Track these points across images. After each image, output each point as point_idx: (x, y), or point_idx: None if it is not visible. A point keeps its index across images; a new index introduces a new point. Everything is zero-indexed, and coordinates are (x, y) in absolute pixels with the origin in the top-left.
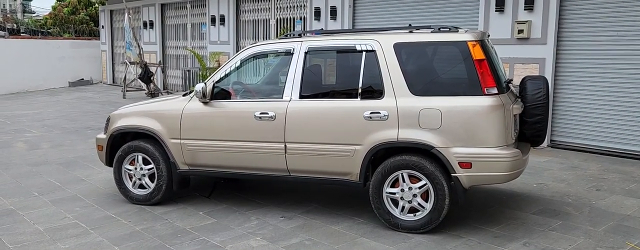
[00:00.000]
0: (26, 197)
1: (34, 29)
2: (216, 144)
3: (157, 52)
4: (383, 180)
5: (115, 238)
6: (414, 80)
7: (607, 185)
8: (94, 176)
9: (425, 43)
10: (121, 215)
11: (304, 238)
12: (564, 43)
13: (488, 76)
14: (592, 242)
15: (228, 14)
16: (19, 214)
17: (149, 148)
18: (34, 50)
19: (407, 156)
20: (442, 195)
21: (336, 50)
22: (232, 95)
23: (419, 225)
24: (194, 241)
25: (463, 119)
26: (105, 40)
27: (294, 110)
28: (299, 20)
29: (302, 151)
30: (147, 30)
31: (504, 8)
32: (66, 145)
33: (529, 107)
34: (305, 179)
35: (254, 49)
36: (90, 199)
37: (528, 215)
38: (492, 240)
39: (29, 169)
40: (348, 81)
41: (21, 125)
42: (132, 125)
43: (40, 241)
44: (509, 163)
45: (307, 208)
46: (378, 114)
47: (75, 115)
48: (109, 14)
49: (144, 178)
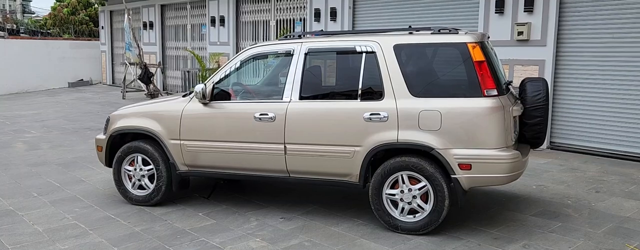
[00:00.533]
0: (25, 197)
1: (33, 29)
2: (216, 144)
3: (156, 53)
4: (383, 181)
5: (115, 239)
6: (414, 81)
7: (606, 187)
8: (94, 177)
9: (425, 44)
10: (120, 216)
11: (304, 239)
12: (563, 45)
13: (488, 78)
14: (592, 244)
15: (228, 14)
16: (18, 215)
17: (149, 149)
18: (33, 51)
19: (406, 157)
20: (442, 196)
21: (336, 52)
22: (232, 96)
23: (419, 227)
24: (194, 242)
25: (463, 121)
26: (105, 41)
27: (294, 111)
28: (298, 21)
29: (302, 152)
30: (147, 31)
31: (504, 10)
32: (65, 146)
33: (528, 109)
34: (305, 180)
35: (253, 50)
36: (90, 199)
37: (527, 216)
38: (491, 241)
39: (29, 169)
40: (348, 82)
41: (20, 125)
42: (131, 126)
43: (40, 242)
44: (508, 165)
45: (306, 209)
46: (378, 115)
47: (75, 115)
48: (108, 15)
49: (144, 179)
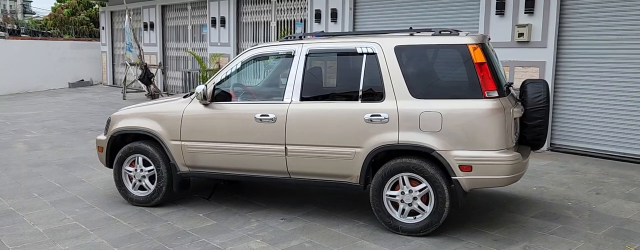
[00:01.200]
0: (26, 198)
1: (34, 29)
2: (217, 145)
3: (157, 54)
4: (383, 182)
5: (115, 239)
6: (414, 83)
7: (606, 188)
8: (94, 177)
9: (426, 46)
10: (121, 217)
11: (304, 240)
12: (564, 46)
13: (489, 79)
14: (592, 246)
15: (229, 15)
16: (19, 215)
17: (150, 149)
18: (34, 51)
19: (407, 159)
20: (443, 198)
21: (337, 53)
22: (232, 97)
23: (419, 228)
24: (194, 243)
25: (463, 122)
26: (105, 42)
27: (295, 112)
28: (299, 22)
29: (303, 153)
30: (148, 32)
31: (505, 11)
32: (66, 146)
33: (529, 111)
34: (306, 181)
35: (254, 51)
36: (90, 200)
37: (528, 218)
38: (492, 243)
39: (29, 170)
40: (349, 84)
41: (21, 126)
42: (132, 127)
43: (40, 242)
44: (509, 166)
45: (307, 210)
46: (379, 117)
47: (75, 116)
48: (109, 15)
49: (144, 179)
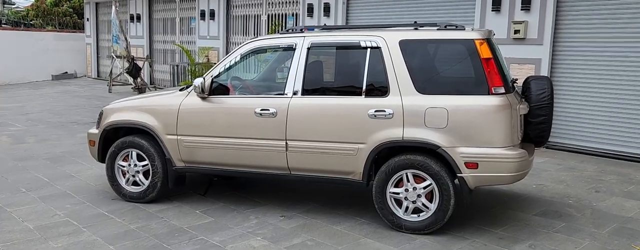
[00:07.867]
0: (13, 193)
1: (15, 20)
2: (214, 140)
3: (144, 46)
4: (387, 179)
5: (110, 237)
6: (419, 78)
7: (605, 186)
8: (84, 172)
9: (431, 40)
10: (114, 213)
11: (306, 238)
12: (560, 44)
13: (495, 75)
14: (598, 245)
15: (218, 8)
16: (7, 211)
17: (144, 144)
18: (16, 43)
19: (411, 155)
20: (447, 195)
21: (340, 47)
22: (231, 91)
23: (423, 226)
24: (193, 240)
25: (470, 119)
26: (90, 33)
27: (296, 107)
28: (291, 16)
29: (304, 149)
30: (134, 24)
31: (500, 7)
32: (52, 140)
33: (533, 108)
34: (307, 177)
35: (254, 44)
36: (81, 195)
37: (531, 216)
38: (497, 241)
39: (15, 163)
40: (352, 78)
41: (4, 118)
42: (126, 120)
43: (31, 239)
44: (516, 164)
45: (306, 207)
46: (383, 112)
47: (60, 109)
48: (94, 7)
49: (138, 175)
